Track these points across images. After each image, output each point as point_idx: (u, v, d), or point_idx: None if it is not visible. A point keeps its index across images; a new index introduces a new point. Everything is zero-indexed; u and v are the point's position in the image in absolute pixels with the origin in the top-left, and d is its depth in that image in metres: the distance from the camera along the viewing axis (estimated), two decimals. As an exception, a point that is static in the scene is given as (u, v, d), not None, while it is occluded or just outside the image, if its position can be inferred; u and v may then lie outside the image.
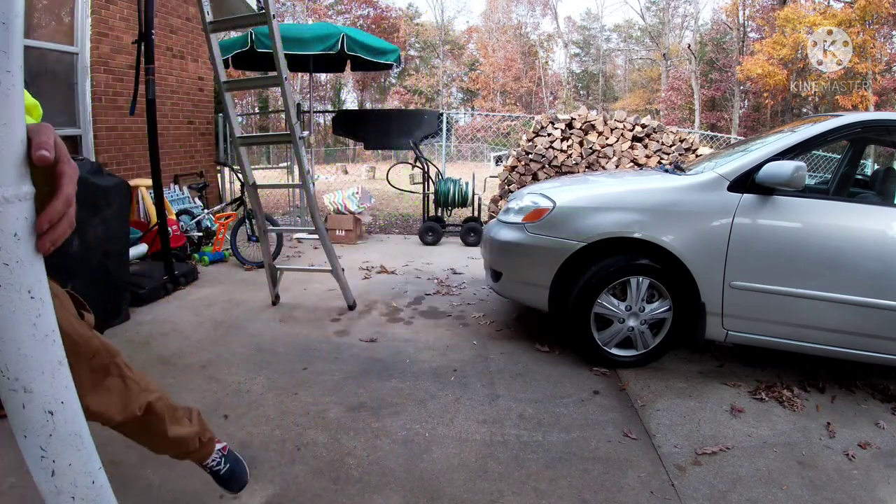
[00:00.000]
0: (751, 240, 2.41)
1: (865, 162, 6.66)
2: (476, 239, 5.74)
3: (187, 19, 5.92)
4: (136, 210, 4.74)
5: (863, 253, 2.34)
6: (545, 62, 35.30)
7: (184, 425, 1.38)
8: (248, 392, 2.37)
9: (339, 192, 6.11)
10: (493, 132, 8.69)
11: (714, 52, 28.64)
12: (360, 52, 5.74)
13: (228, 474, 1.54)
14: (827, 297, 2.36)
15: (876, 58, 19.06)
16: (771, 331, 2.48)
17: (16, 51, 0.56)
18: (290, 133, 3.05)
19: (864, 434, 2.16)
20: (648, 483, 1.81)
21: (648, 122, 6.01)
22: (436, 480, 1.80)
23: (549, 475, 1.84)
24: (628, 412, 2.28)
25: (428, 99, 33.08)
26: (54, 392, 0.63)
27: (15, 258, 0.57)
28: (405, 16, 34.77)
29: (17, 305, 0.57)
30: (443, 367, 2.67)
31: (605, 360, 2.68)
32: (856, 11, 18.23)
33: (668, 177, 2.79)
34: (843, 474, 1.89)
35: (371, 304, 3.63)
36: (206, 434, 1.45)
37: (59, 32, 4.44)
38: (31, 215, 0.59)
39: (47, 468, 0.64)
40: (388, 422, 2.15)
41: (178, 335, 3.00)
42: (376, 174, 16.75)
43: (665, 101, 29.21)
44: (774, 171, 2.33)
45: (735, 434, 2.13)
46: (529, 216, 2.78)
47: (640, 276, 2.55)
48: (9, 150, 0.55)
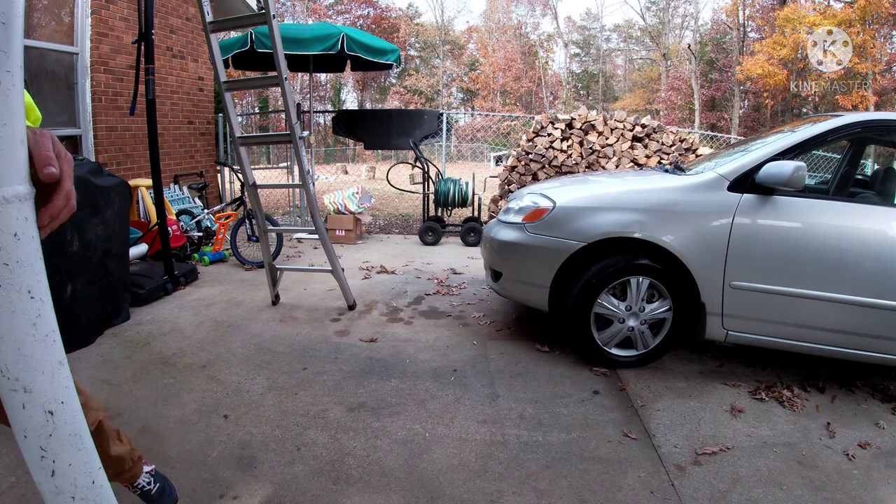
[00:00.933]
0: (751, 240, 2.41)
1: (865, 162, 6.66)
2: (476, 239, 5.75)
3: (187, 19, 5.92)
4: (136, 210, 4.74)
5: (863, 253, 2.34)
6: (545, 62, 35.30)
7: (122, 444, 1.39)
8: (248, 392, 2.37)
9: (339, 192, 6.11)
10: (493, 132, 8.69)
11: (714, 52, 28.64)
12: (359, 53, 5.74)
13: (158, 493, 1.51)
14: (827, 297, 2.36)
15: (876, 58, 19.06)
16: (771, 331, 2.48)
17: (16, 51, 0.56)
18: (290, 133, 3.05)
19: (864, 434, 2.16)
20: (648, 483, 1.81)
21: (648, 122, 6.01)
22: (436, 480, 1.80)
23: (549, 475, 1.84)
24: (628, 412, 2.27)
25: (428, 99, 33.07)
26: (54, 392, 0.63)
27: (15, 258, 0.57)
28: (405, 16, 34.76)
29: (17, 305, 0.58)
30: (443, 367, 2.67)
31: (605, 360, 2.68)
32: (856, 11, 18.22)
33: (668, 177, 2.79)
34: (843, 474, 1.89)
35: (371, 304, 3.63)
36: (136, 453, 1.44)
37: (59, 32, 4.44)
38: (31, 215, 0.59)
39: (47, 468, 0.64)
40: (388, 422, 2.15)
41: (178, 335, 3.00)
42: (376, 174, 16.76)
43: (665, 101, 29.20)
44: (774, 171, 2.33)
45: (735, 434, 2.13)
46: (529, 216, 2.78)
47: (640, 276, 2.55)
48: (9, 150, 0.55)
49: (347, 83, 33.34)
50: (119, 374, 2.49)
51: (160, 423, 2.08)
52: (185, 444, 1.95)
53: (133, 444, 1.45)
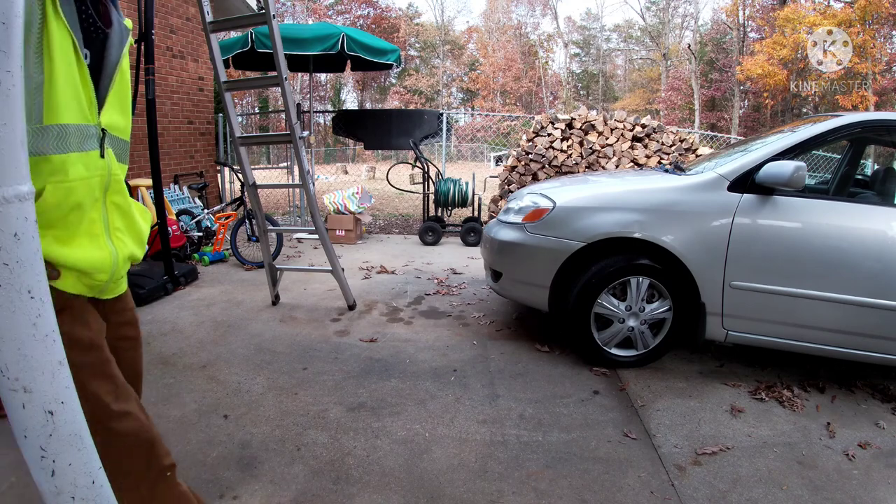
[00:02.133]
0: (751, 240, 2.41)
1: (865, 162, 6.66)
2: (476, 239, 5.74)
3: (187, 19, 5.92)
4: (136, 210, 4.73)
5: (863, 253, 2.34)
6: (545, 62, 35.29)
7: None
8: (248, 392, 2.37)
9: (338, 192, 6.11)
10: (493, 132, 8.69)
11: (714, 52, 28.63)
12: (359, 53, 5.74)
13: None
14: (827, 297, 2.36)
15: (876, 58, 19.06)
16: (771, 331, 2.48)
17: (16, 51, 0.56)
18: (290, 133, 3.05)
19: (864, 434, 2.16)
20: (648, 483, 1.81)
21: (648, 122, 6.01)
22: (436, 480, 1.80)
23: (549, 475, 1.84)
24: (628, 412, 2.28)
25: (428, 99, 33.07)
26: (54, 392, 0.63)
27: (15, 258, 0.57)
28: (405, 16, 34.76)
29: (17, 305, 0.58)
30: (443, 367, 2.67)
31: (605, 360, 2.68)
32: (856, 11, 18.22)
33: (668, 177, 2.79)
34: (843, 474, 1.89)
35: (371, 304, 3.63)
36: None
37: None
38: (31, 215, 0.59)
39: (47, 468, 0.64)
40: (388, 422, 2.15)
41: (178, 335, 3.00)
42: (376, 174, 16.76)
43: (665, 101, 29.20)
44: (774, 171, 2.33)
45: (735, 434, 2.13)
46: (529, 216, 2.78)
47: (640, 276, 2.56)
48: (9, 150, 0.55)
49: (347, 83, 33.34)
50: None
51: (160, 423, 2.08)
52: (185, 444, 1.95)
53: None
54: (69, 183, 0.92)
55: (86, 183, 0.96)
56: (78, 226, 0.97)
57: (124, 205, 1.11)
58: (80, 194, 0.95)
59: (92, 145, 0.97)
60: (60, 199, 0.91)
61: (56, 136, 0.88)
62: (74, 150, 0.92)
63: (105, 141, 1.01)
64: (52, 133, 0.88)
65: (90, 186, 0.98)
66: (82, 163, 0.95)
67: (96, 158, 0.99)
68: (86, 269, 0.98)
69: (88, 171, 0.97)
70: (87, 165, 0.96)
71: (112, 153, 1.05)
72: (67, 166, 0.91)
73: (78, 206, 0.95)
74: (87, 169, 0.96)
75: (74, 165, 0.92)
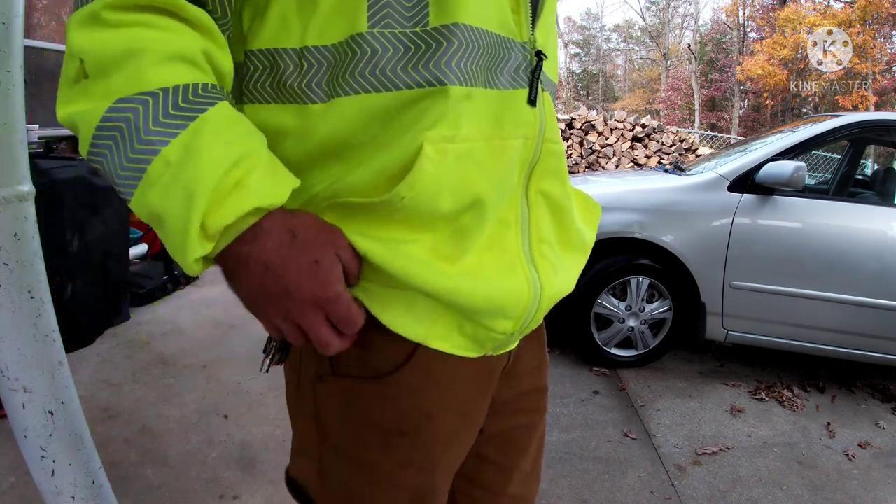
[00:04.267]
0: (751, 240, 2.41)
1: (865, 162, 6.67)
2: (476, 239, 5.74)
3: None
4: (136, 210, 4.74)
5: (863, 253, 2.35)
6: (545, 62, 35.23)
7: None
8: (248, 392, 2.36)
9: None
10: (493, 132, 8.68)
11: (714, 53, 28.64)
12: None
13: None
14: (827, 297, 2.36)
15: (876, 58, 19.06)
16: (771, 331, 2.48)
17: (16, 51, 0.56)
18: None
19: (864, 434, 2.16)
20: (648, 483, 1.81)
21: (648, 122, 6.01)
22: (436, 480, 1.79)
23: (549, 475, 1.84)
24: (628, 412, 2.27)
25: (428, 99, 33.02)
26: (54, 392, 0.63)
27: (15, 258, 0.57)
28: (405, 16, 34.72)
29: (17, 305, 0.58)
30: (443, 367, 2.66)
31: (605, 359, 2.68)
32: (856, 11, 18.23)
33: (668, 177, 2.79)
34: (843, 474, 1.89)
35: (371, 304, 3.62)
36: None
37: (58, 32, 4.44)
38: (31, 215, 0.59)
39: (47, 468, 0.64)
40: (388, 422, 2.14)
41: (178, 335, 3.00)
42: (376, 174, 16.72)
43: (665, 101, 29.19)
44: (774, 171, 2.33)
45: (735, 434, 2.13)
46: (529, 216, 2.77)
47: (640, 276, 2.55)
48: (9, 150, 0.55)
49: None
50: (119, 374, 2.49)
51: (160, 423, 2.08)
52: (185, 444, 1.95)
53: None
54: (464, 144, 0.46)
55: (498, 149, 0.49)
56: (474, 234, 0.50)
57: (561, 197, 0.59)
58: (483, 173, 0.48)
59: (518, 80, 0.51)
60: (442, 177, 0.45)
61: (453, 49, 0.45)
62: (480, 84, 0.48)
63: (538, 76, 0.53)
64: (443, 40, 0.45)
65: (505, 158, 0.51)
66: (493, 110, 0.49)
67: (522, 105, 0.52)
68: (480, 308, 0.50)
69: (504, 128, 0.50)
70: (502, 117, 0.50)
71: (549, 100, 0.56)
72: (466, 111, 0.47)
73: (478, 198, 0.48)
74: (499, 123, 0.50)
75: (477, 113, 0.48)
